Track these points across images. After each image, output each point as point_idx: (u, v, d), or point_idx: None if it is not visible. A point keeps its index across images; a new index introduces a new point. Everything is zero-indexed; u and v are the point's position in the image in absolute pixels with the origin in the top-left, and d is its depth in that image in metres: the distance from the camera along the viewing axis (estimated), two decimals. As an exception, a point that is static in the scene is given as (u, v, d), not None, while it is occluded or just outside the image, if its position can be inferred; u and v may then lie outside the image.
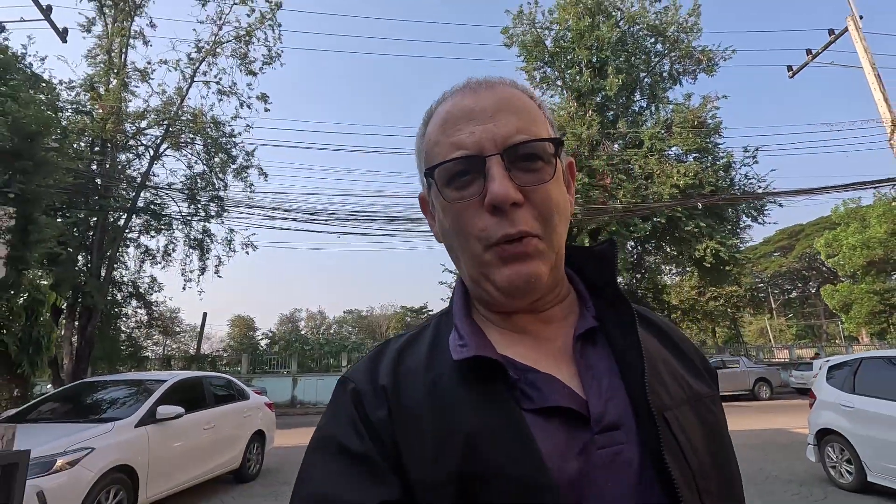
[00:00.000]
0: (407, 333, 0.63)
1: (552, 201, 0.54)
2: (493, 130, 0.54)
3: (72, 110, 15.68)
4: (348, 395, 0.56)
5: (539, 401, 0.50)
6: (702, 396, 0.58)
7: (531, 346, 0.57)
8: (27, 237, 6.56)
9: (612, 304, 0.59)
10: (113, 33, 15.90)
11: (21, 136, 6.56)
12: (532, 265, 0.53)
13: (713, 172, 15.90)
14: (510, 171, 0.52)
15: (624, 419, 0.51)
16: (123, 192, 16.27)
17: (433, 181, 0.56)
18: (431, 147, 0.58)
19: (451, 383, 0.52)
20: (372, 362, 0.59)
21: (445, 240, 0.60)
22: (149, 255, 17.99)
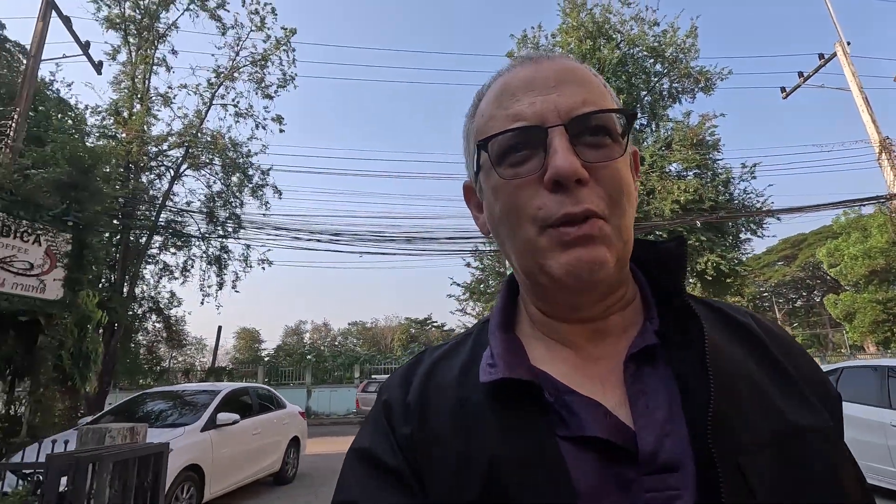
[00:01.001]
0: (447, 343, 0.60)
1: (622, 181, 0.49)
2: (557, 101, 0.48)
3: (98, 134, 16.51)
4: (381, 407, 0.55)
5: (576, 428, 0.45)
6: (804, 431, 0.45)
7: (578, 365, 0.51)
8: (82, 260, 7.24)
9: (679, 314, 0.51)
10: (137, 61, 16.74)
11: (78, 170, 7.26)
12: (596, 251, 0.46)
13: (713, 188, 16.47)
14: (575, 145, 0.47)
15: (684, 461, 0.42)
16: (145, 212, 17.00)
17: (486, 155, 0.50)
18: (485, 122, 0.53)
19: (479, 404, 0.48)
20: (407, 373, 0.57)
21: (495, 228, 0.53)
22: (167, 271, 18.66)
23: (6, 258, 6.28)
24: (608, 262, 0.47)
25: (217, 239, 17.96)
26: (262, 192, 18.49)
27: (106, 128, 16.66)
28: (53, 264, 6.87)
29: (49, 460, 2.22)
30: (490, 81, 0.56)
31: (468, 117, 0.58)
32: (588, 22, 17.82)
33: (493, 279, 19.08)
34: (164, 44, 17.21)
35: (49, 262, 6.81)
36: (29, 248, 6.57)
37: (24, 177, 6.78)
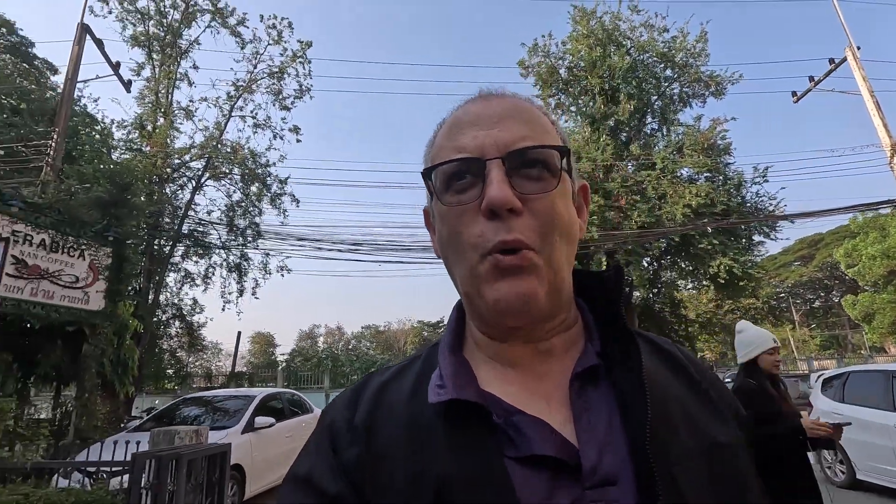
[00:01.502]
0: (396, 365, 0.60)
1: (555, 214, 0.50)
2: (497, 135, 0.51)
3: (124, 148, 17.16)
4: (325, 430, 0.54)
5: (523, 448, 0.46)
6: (723, 445, 0.50)
7: (523, 384, 0.52)
8: (121, 273, 7.70)
9: (619, 338, 0.54)
10: (160, 76, 17.36)
11: (117, 187, 7.73)
12: (527, 282, 0.48)
13: (725, 192, 16.57)
14: (511, 177, 0.49)
15: (622, 473, 0.45)
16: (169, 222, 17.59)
17: (430, 182, 0.53)
18: (436, 153, 0.56)
19: (429, 425, 0.49)
20: (354, 394, 0.57)
21: (442, 251, 0.56)
22: (189, 279, 19.22)
23: (55, 272, 6.74)
24: (537, 294, 0.49)
25: (237, 247, 18.48)
26: (280, 201, 19.00)
27: (132, 141, 17.30)
28: (96, 277, 7.32)
29: (134, 458, 2.58)
30: (448, 115, 0.59)
31: (427, 148, 0.60)
32: (598, 29, 18.05)
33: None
34: (187, 59, 17.83)
35: (92, 275, 7.27)
36: (74, 262, 7.04)
37: (69, 196, 7.26)
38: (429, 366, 0.56)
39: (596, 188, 16.77)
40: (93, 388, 7.20)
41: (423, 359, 0.58)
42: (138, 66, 17.44)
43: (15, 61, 20.49)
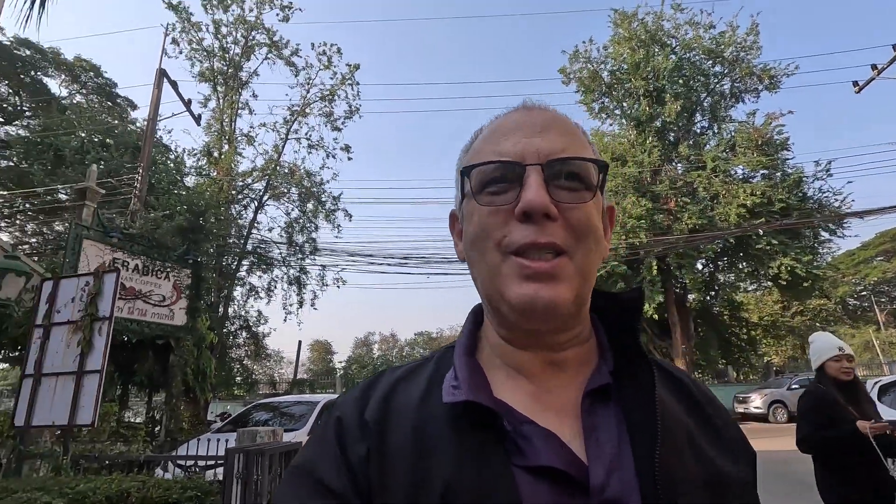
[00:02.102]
0: (408, 365, 0.60)
1: (590, 223, 0.51)
2: (539, 143, 0.52)
3: (195, 174, 18.83)
4: (332, 424, 0.54)
5: (532, 457, 0.46)
6: (729, 479, 0.50)
7: (535, 395, 0.52)
8: (199, 291, 8.63)
9: (632, 360, 0.54)
10: (224, 106, 18.90)
11: (194, 215, 8.70)
12: (555, 288, 0.48)
13: (783, 189, 15.86)
14: (549, 184, 0.50)
15: (628, 496, 0.45)
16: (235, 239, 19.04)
17: (468, 182, 0.53)
18: (474, 154, 0.56)
19: (439, 426, 0.49)
20: (364, 391, 0.56)
21: (468, 252, 0.56)
22: (254, 292, 20.62)
23: (147, 293, 7.71)
24: (566, 301, 0.49)
25: (296, 262, 19.67)
26: (334, 217, 20.06)
27: (201, 168, 18.93)
28: (179, 295, 8.27)
29: (227, 453, 3.15)
30: (489, 122, 0.59)
31: (463, 152, 0.61)
32: (640, 31, 17.86)
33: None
34: (247, 89, 19.29)
35: (175, 294, 8.22)
36: (161, 283, 8.01)
37: (155, 225, 8.28)
38: (441, 369, 0.56)
39: (643, 191, 16.55)
40: (178, 394, 8.13)
41: (435, 361, 0.58)
42: (205, 99, 19.08)
43: (101, 100, 22.98)
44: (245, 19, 18.31)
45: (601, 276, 16.27)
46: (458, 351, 0.56)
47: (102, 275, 4.68)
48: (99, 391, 4.30)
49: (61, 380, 4.40)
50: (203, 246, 8.62)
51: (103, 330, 4.49)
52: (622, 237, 16.23)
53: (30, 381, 4.48)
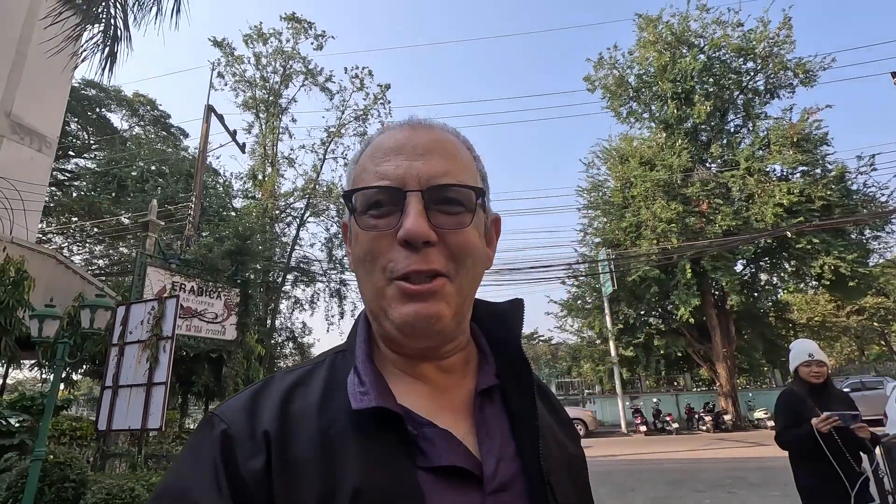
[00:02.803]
0: (296, 370, 0.58)
1: (469, 246, 0.54)
2: (420, 168, 0.53)
3: (242, 196, 20.23)
4: (216, 439, 0.49)
5: (435, 458, 0.49)
6: (576, 458, 0.62)
7: (429, 397, 0.56)
8: (247, 308, 9.48)
9: (512, 364, 0.60)
10: (266, 132, 20.21)
11: (241, 239, 9.58)
12: (435, 306, 0.51)
13: (823, 186, 15.37)
14: (429, 210, 0.52)
15: (513, 481, 0.51)
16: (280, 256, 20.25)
17: (351, 205, 0.55)
18: (359, 173, 0.57)
19: (343, 433, 0.49)
20: (252, 401, 0.53)
21: (355, 268, 0.57)
22: (298, 305, 21.75)
23: (202, 311, 8.60)
24: (445, 317, 0.52)
25: (337, 274, 20.65)
26: (370, 230, 20.90)
27: (247, 190, 20.30)
28: (230, 313, 9.14)
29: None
30: (375, 135, 0.60)
31: (351, 161, 0.62)
32: (666, 33, 17.80)
33: (590, 296, 19.33)
34: (286, 115, 20.54)
35: (227, 312, 9.09)
36: (214, 302, 8.89)
37: (208, 250, 9.21)
38: (335, 373, 0.56)
39: (674, 195, 16.42)
40: (231, 402, 8.99)
41: (328, 366, 0.58)
42: (249, 126, 20.46)
43: (157, 130, 24.97)
44: (282, 50, 19.56)
45: (635, 280, 16.23)
46: (360, 356, 0.55)
47: (165, 300, 5.47)
48: (165, 400, 5.06)
49: (134, 391, 5.19)
50: (249, 266, 9.48)
51: (167, 347, 5.26)
52: (654, 241, 16.16)
53: (109, 392, 5.31)
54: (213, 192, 18.17)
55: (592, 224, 19.39)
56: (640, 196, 16.67)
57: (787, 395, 3.19)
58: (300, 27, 19.37)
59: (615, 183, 18.19)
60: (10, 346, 6.17)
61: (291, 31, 19.54)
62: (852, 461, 2.80)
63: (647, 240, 16.24)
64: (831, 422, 2.82)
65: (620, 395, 18.08)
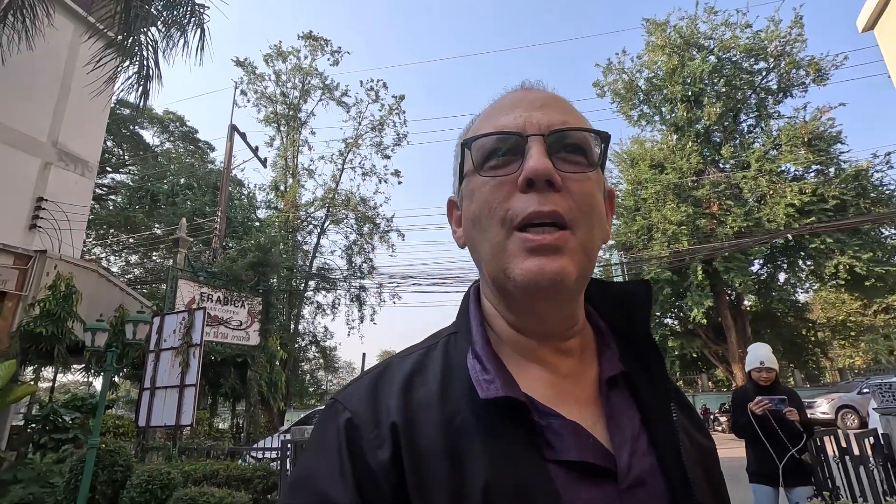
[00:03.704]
0: (412, 353, 0.55)
1: (593, 197, 0.51)
2: (539, 116, 0.51)
3: (265, 207, 21.22)
4: (341, 428, 0.48)
5: (564, 452, 0.46)
6: (709, 452, 0.57)
7: (551, 384, 0.52)
8: (269, 315, 10.20)
9: (639, 350, 0.56)
10: (287, 144, 21.14)
11: (262, 251, 10.32)
12: (559, 261, 0.47)
13: (837, 185, 15.29)
14: (551, 155, 0.49)
15: (649, 477, 0.48)
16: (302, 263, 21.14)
17: (470, 155, 0.52)
18: (473, 132, 0.55)
19: (468, 424, 0.47)
20: (373, 387, 0.51)
21: (469, 234, 0.54)
22: (320, 310, 22.60)
23: (227, 319, 9.35)
24: (570, 275, 0.48)
25: (356, 280, 21.41)
26: (388, 237, 21.67)
27: (270, 202, 21.28)
28: (252, 320, 9.88)
29: (282, 444, 4.35)
30: (486, 107, 0.59)
31: (460, 137, 0.58)
32: (674, 36, 17.94)
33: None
34: (306, 128, 21.45)
35: (250, 319, 9.83)
36: (238, 310, 9.64)
37: (232, 262, 9.98)
38: (450, 359, 0.53)
39: (684, 197, 16.56)
40: (255, 403, 9.70)
41: (442, 349, 0.55)
42: (270, 139, 21.44)
43: (185, 145, 26.27)
44: (300, 67, 20.47)
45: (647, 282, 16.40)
46: (478, 340, 0.53)
47: (194, 311, 6.17)
48: (195, 399, 5.74)
49: (168, 392, 5.90)
50: (270, 277, 10.21)
51: (196, 353, 5.95)
52: (665, 244, 16.33)
53: (147, 393, 6.03)
54: (238, 203, 19.18)
55: (605, 227, 19.64)
56: (650, 199, 16.86)
57: (739, 393, 3.74)
58: (317, 44, 20.23)
59: (627, 186, 18.41)
60: (62, 353, 6.99)
61: (309, 48, 20.44)
62: (789, 445, 3.26)
63: (659, 242, 16.42)
64: (763, 405, 3.30)
65: (635, 396, 18.24)
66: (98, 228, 22.81)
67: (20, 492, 4.49)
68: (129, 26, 7.25)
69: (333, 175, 21.57)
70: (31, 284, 7.86)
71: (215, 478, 4.40)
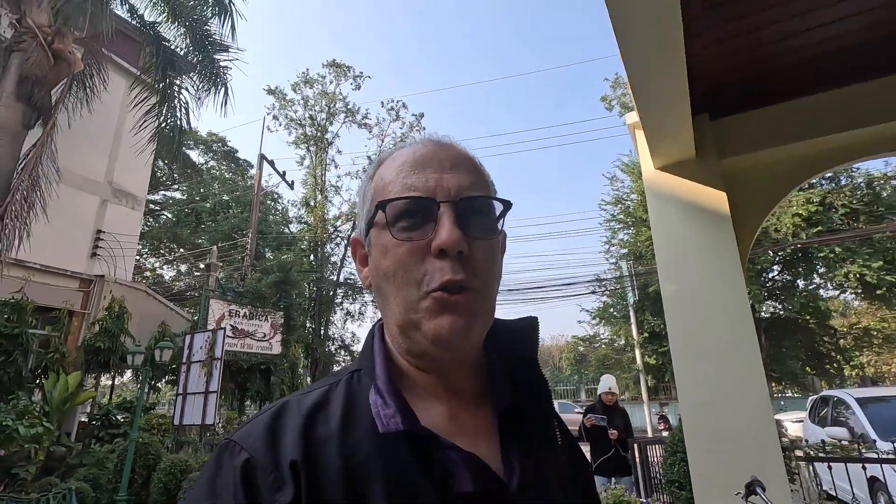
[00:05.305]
0: (312, 391, 0.56)
1: (494, 261, 0.55)
2: (449, 180, 0.54)
3: (296, 221, 22.93)
4: (237, 469, 0.47)
5: (463, 484, 0.48)
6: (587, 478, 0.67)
7: (449, 417, 0.55)
8: (289, 327, 11.56)
9: (529, 383, 0.59)
10: (316, 163, 22.77)
11: (283, 271, 11.71)
12: (469, 319, 0.51)
13: (848, 193, 15.24)
14: (460, 221, 0.52)
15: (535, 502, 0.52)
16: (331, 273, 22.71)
17: (383, 215, 0.54)
18: (384, 186, 0.56)
19: (370, 459, 0.48)
20: (272, 426, 0.50)
21: (379, 283, 0.56)
22: (349, 316, 24.07)
23: (252, 332, 10.76)
24: (478, 333, 0.53)
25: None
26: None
27: (300, 217, 22.98)
28: (275, 332, 11.27)
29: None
30: (392, 151, 0.60)
31: (366, 179, 0.61)
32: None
33: (615, 307, 20.05)
34: (332, 147, 23.03)
35: (273, 332, 11.22)
36: (262, 324, 11.03)
37: (258, 281, 11.41)
38: (352, 395, 0.55)
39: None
40: (278, 405, 11.11)
41: (345, 386, 0.56)
42: (301, 159, 23.14)
43: (227, 164, 28.51)
44: (326, 92, 22.06)
45: (650, 293, 16.86)
46: (381, 376, 0.54)
47: (216, 331, 7.52)
48: (216, 403, 7.06)
49: (196, 397, 7.26)
50: (291, 293, 11.59)
51: (217, 366, 7.28)
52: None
53: (180, 397, 7.42)
54: (272, 218, 20.90)
55: (616, 236, 20.10)
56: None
57: (590, 408, 5.01)
58: (341, 71, 21.76)
59: (637, 196, 18.82)
60: (116, 363, 8.54)
61: (333, 74, 22.00)
62: (619, 449, 4.36)
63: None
64: (591, 421, 4.44)
65: (647, 402, 18.66)
66: (151, 242, 25.25)
67: (84, 472, 5.95)
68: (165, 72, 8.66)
69: (359, 189, 22.92)
70: (93, 304, 9.53)
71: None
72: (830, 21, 2.20)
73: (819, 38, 2.36)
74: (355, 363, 0.61)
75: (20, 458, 5.69)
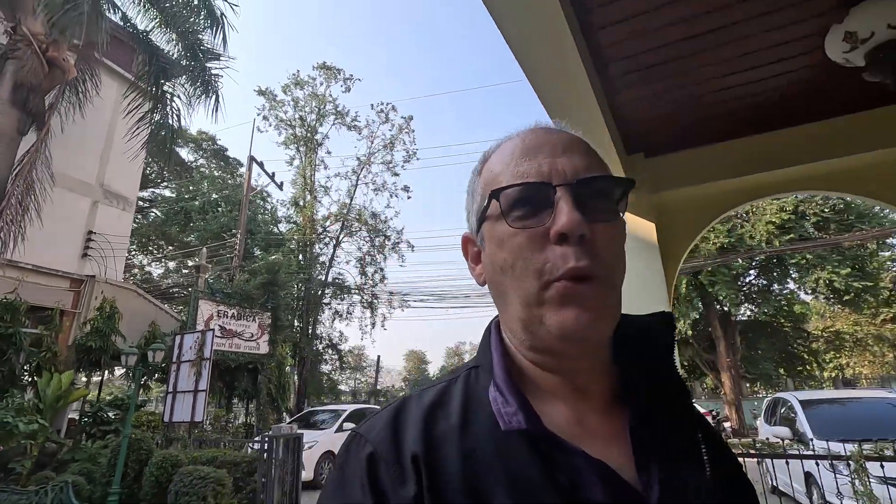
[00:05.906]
0: (433, 387, 0.56)
1: (617, 247, 0.51)
2: (565, 163, 0.51)
3: (285, 221, 23.14)
4: (363, 461, 0.48)
5: (590, 493, 0.45)
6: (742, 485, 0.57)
7: (575, 420, 0.51)
8: (276, 327, 11.86)
9: (664, 384, 0.55)
10: (305, 164, 22.98)
11: (271, 272, 11.99)
12: (594, 311, 0.47)
13: (820, 202, 15.86)
14: (579, 206, 0.49)
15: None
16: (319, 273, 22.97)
17: (497, 205, 0.51)
18: (494, 178, 0.54)
19: (490, 458, 0.47)
20: (394, 421, 0.51)
21: (495, 277, 0.54)
22: (337, 315, 24.37)
23: (240, 332, 11.05)
24: (604, 323, 0.49)
25: (368, 289, 23.08)
26: (398, 248, 23.26)
27: (290, 217, 23.19)
28: (262, 332, 11.55)
29: (262, 438, 5.87)
30: (499, 143, 0.58)
31: (474, 174, 0.59)
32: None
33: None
34: (322, 148, 23.26)
35: (260, 332, 11.51)
36: (250, 324, 11.32)
37: (246, 282, 11.68)
38: (470, 391, 0.54)
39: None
40: (265, 403, 11.38)
41: (463, 382, 0.55)
42: (290, 159, 23.35)
43: (217, 162, 28.58)
44: (316, 94, 22.28)
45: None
46: (500, 374, 0.52)
47: (205, 332, 7.82)
48: (205, 401, 7.36)
49: (186, 395, 7.55)
50: (279, 294, 11.89)
51: (206, 365, 7.58)
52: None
53: (170, 396, 7.71)
54: (261, 217, 21.13)
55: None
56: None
57: None
58: (331, 73, 21.99)
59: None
60: (107, 361, 8.79)
61: (324, 76, 22.23)
62: None
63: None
64: None
65: (627, 402, 19.19)
66: (140, 239, 25.29)
67: (77, 467, 6.24)
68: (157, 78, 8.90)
69: (348, 190, 23.28)
70: (84, 304, 9.76)
71: (214, 462, 5.96)
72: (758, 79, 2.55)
73: (742, 93, 2.74)
74: (473, 360, 0.60)
75: (17, 454, 5.98)
